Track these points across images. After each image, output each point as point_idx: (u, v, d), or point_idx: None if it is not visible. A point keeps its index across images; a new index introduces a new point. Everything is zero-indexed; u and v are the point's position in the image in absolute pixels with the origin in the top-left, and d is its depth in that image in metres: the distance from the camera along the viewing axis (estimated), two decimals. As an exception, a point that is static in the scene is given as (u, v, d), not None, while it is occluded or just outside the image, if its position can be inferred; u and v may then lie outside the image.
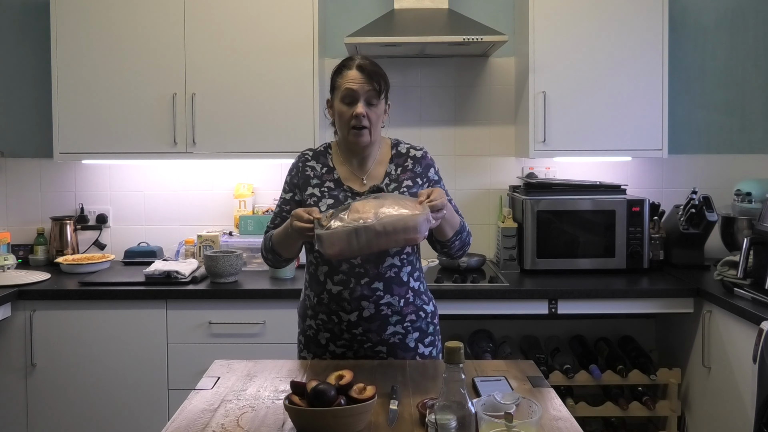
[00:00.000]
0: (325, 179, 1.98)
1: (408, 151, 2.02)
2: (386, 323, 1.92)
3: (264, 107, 3.14)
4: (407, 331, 1.95)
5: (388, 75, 1.97)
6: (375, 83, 1.90)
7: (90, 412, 2.90)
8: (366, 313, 1.90)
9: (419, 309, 1.98)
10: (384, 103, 1.96)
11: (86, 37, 3.13)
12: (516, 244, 3.19)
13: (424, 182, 1.99)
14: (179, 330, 2.89)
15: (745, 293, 2.59)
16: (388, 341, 1.94)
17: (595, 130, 3.16)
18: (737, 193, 3.20)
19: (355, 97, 1.89)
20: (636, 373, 2.96)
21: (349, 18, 3.46)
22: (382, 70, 1.94)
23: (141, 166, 3.50)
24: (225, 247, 3.23)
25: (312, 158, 2.03)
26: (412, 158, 2.01)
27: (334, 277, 1.91)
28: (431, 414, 1.29)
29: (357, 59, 1.93)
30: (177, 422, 1.52)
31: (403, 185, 1.96)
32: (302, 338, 2.03)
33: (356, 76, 1.90)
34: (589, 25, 3.13)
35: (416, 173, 1.99)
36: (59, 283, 3.02)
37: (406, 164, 2.00)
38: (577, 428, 1.47)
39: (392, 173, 1.98)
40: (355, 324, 1.91)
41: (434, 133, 3.51)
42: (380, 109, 1.94)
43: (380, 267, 1.89)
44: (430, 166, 2.02)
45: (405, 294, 1.94)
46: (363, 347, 1.94)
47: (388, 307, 1.91)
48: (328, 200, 1.94)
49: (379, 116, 1.94)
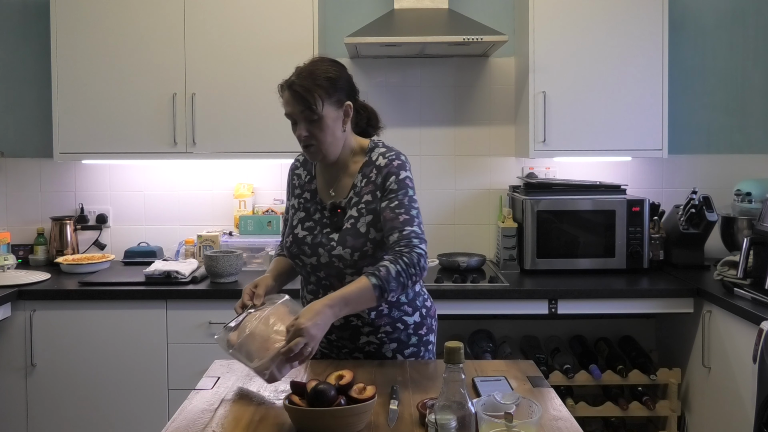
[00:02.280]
0: (306, 189, 1.96)
1: (377, 158, 1.86)
2: (358, 333, 1.89)
3: (264, 107, 3.14)
4: (382, 342, 1.91)
5: (388, 75, 1.94)
6: (305, 101, 1.75)
7: (90, 412, 2.90)
8: (336, 322, 1.78)
9: (397, 320, 1.90)
10: (333, 111, 1.79)
11: (86, 37, 3.13)
12: (516, 244, 3.19)
13: (383, 195, 1.82)
14: (179, 330, 2.89)
15: (745, 293, 2.59)
16: (363, 349, 1.92)
17: (595, 130, 3.16)
18: (737, 193, 3.20)
19: (294, 119, 1.81)
20: (636, 373, 2.96)
21: (349, 18, 3.45)
22: (319, 80, 1.77)
23: (141, 166, 3.50)
24: (225, 247, 3.23)
25: (300, 165, 2.01)
26: (377, 167, 1.84)
27: (308, 286, 1.93)
28: (431, 414, 1.28)
29: (291, 76, 1.81)
30: (177, 422, 1.52)
31: (362, 200, 1.83)
32: None
33: (288, 98, 1.80)
34: (589, 25, 3.13)
35: (376, 185, 1.83)
36: (59, 283, 3.02)
37: (370, 175, 1.85)
38: (577, 428, 1.47)
39: (358, 185, 1.86)
40: (330, 330, 1.77)
41: (434, 133, 3.51)
42: (326, 121, 1.78)
43: (343, 281, 1.83)
44: (390, 175, 1.82)
45: (377, 307, 1.85)
46: (341, 352, 1.94)
47: (357, 318, 1.87)
48: (300, 213, 1.93)
49: (327, 128, 1.78)
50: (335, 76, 1.81)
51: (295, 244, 1.88)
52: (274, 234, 3.32)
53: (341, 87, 1.82)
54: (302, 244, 1.87)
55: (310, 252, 1.86)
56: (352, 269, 1.83)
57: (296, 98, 1.78)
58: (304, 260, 1.88)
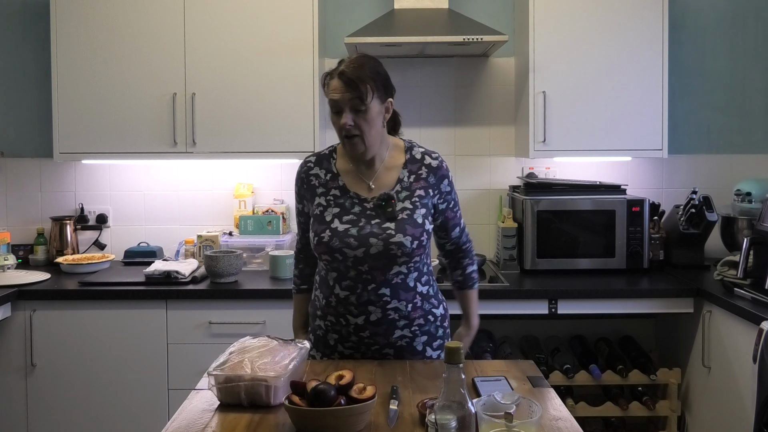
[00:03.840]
0: (330, 186, 1.95)
1: (423, 157, 1.96)
2: (393, 327, 1.91)
3: (264, 107, 3.14)
4: (415, 335, 1.94)
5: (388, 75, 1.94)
6: (356, 90, 1.80)
7: (90, 412, 2.90)
8: (373, 317, 1.89)
9: (428, 313, 1.96)
10: (378, 104, 1.85)
11: (86, 37, 3.13)
12: (516, 244, 3.19)
13: (435, 194, 1.94)
14: (179, 330, 2.89)
15: (745, 293, 2.59)
16: (395, 344, 1.93)
17: (595, 130, 3.16)
18: (737, 193, 3.20)
19: (340, 107, 1.84)
20: (636, 373, 2.96)
21: (349, 18, 3.46)
22: (368, 72, 1.83)
23: (141, 166, 3.50)
24: (225, 247, 3.23)
25: (315, 165, 2.00)
26: (427, 166, 1.95)
27: (342, 282, 1.90)
28: (431, 414, 1.28)
29: (342, 66, 1.85)
30: (177, 422, 1.52)
31: (415, 194, 1.91)
32: (311, 337, 2.03)
33: (337, 86, 1.83)
34: (589, 25, 3.13)
35: (430, 183, 1.94)
36: (59, 283, 3.02)
37: (420, 172, 1.94)
38: (577, 428, 1.47)
39: (405, 180, 1.93)
40: (362, 327, 1.90)
41: (434, 133, 3.51)
42: (371, 113, 1.84)
43: (387, 274, 1.88)
44: (444, 178, 1.96)
45: (413, 299, 1.92)
46: (370, 349, 1.94)
47: (395, 311, 1.90)
48: (334, 209, 1.91)
49: (372, 121, 1.84)
50: (383, 73, 1.89)
51: (337, 238, 1.86)
52: (274, 234, 3.32)
53: (386, 84, 1.90)
54: (346, 237, 1.86)
55: (357, 243, 1.85)
56: (406, 258, 1.87)
57: (348, 86, 1.82)
58: (347, 253, 1.86)
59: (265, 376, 1.58)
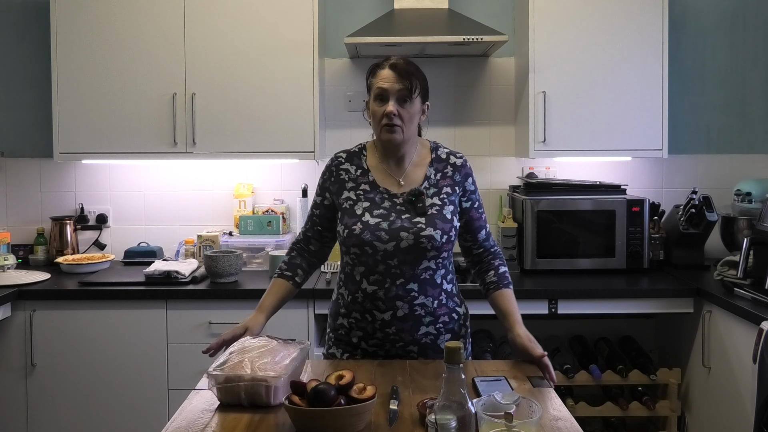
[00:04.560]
0: (360, 182, 1.98)
1: (448, 157, 2.02)
2: (419, 323, 1.93)
3: (264, 107, 3.14)
4: (439, 332, 1.96)
5: None
6: (407, 81, 1.88)
7: (90, 412, 2.90)
8: (400, 313, 1.90)
9: (452, 311, 1.99)
10: (420, 103, 1.93)
11: (86, 37, 3.13)
12: (516, 244, 3.19)
13: (460, 192, 1.99)
14: (179, 330, 2.89)
15: (745, 293, 2.59)
16: (420, 341, 1.94)
17: (595, 130, 3.16)
18: (737, 193, 3.20)
19: (386, 95, 1.89)
20: (636, 373, 2.96)
21: (349, 18, 3.45)
22: (417, 70, 1.92)
23: (141, 166, 3.50)
24: (225, 247, 3.23)
25: (346, 160, 2.02)
26: (452, 165, 2.01)
27: (370, 277, 1.92)
28: (431, 414, 1.29)
29: (392, 59, 1.93)
30: (177, 422, 1.52)
31: (442, 192, 1.96)
32: (332, 335, 2.04)
33: (388, 75, 1.90)
34: (589, 25, 3.13)
35: (455, 181, 1.99)
36: (59, 283, 3.02)
37: (446, 170, 1.99)
38: (577, 428, 1.47)
39: (432, 177, 1.98)
40: (389, 323, 1.91)
41: (434, 133, 3.48)
42: (414, 108, 1.91)
43: (416, 269, 1.90)
44: (468, 176, 2.01)
45: (438, 296, 1.94)
46: (395, 346, 1.94)
47: (421, 307, 1.92)
48: (364, 203, 1.94)
49: (413, 115, 1.92)
50: (425, 77, 1.97)
51: (368, 231, 1.89)
52: (274, 234, 3.32)
53: (427, 87, 1.98)
54: (377, 230, 1.89)
55: (388, 237, 1.88)
56: (436, 252, 1.91)
57: (400, 76, 1.89)
58: (378, 246, 1.88)
59: (265, 376, 1.58)
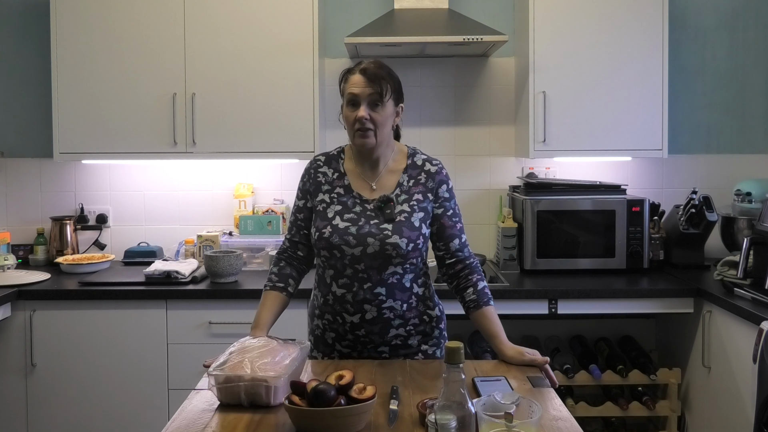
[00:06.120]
0: (336, 185, 1.99)
1: (424, 163, 2.01)
2: (388, 326, 1.93)
3: (264, 107, 3.14)
4: (410, 334, 1.97)
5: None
6: (377, 86, 1.88)
7: (90, 412, 2.90)
8: (368, 316, 1.91)
9: (423, 314, 1.99)
10: (392, 106, 1.93)
11: (86, 37, 3.13)
12: (516, 244, 3.19)
13: (432, 198, 1.97)
14: (179, 330, 2.89)
15: (745, 293, 2.59)
16: (390, 343, 1.95)
17: (595, 130, 3.16)
18: (737, 193, 3.20)
19: (357, 101, 1.90)
20: (636, 373, 2.96)
21: (349, 18, 3.45)
22: (388, 73, 1.92)
23: (141, 166, 3.50)
24: (225, 247, 3.23)
25: (324, 163, 2.03)
26: (426, 172, 1.99)
27: (339, 280, 1.92)
28: (431, 414, 1.28)
29: (363, 63, 1.93)
30: (177, 422, 1.52)
31: (413, 198, 1.95)
32: (311, 338, 2.05)
33: (358, 80, 1.89)
34: (589, 25, 3.13)
35: (428, 188, 1.98)
36: (59, 283, 3.02)
37: (419, 177, 1.98)
38: (577, 428, 1.47)
39: (404, 184, 1.97)
40: (358, 326, 1.92)
41: (434, 133, 3.51)
42: (386, 111, 1.91)
43: (383, 274, 1.90)
44: (443, 183, 2.00)
45: (408, 299, 1.94)
46: (366, 348, 1.96)
47: (390, 311, 1.92)
48: (336, 206, 1.95)
49: (386, 119, 1.91)
50: (397, 78, 1.97)
51: (337, 235, 1.89)
52: (274, 234, 3.32)
53: (400, 89, 1.98)
54: (346, 234, 1.89)
55: (355, 242, 1.88)
56: (401, 260, 1.90)
57: (370, 81, 1.89)
58: (346, 250, 1.89)
59: (265, 376, 1.58)
